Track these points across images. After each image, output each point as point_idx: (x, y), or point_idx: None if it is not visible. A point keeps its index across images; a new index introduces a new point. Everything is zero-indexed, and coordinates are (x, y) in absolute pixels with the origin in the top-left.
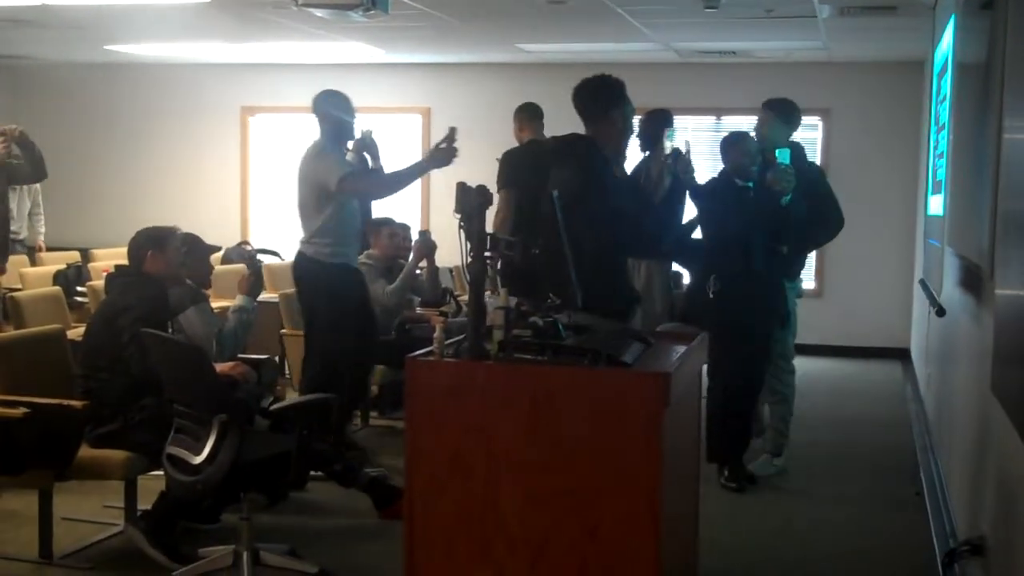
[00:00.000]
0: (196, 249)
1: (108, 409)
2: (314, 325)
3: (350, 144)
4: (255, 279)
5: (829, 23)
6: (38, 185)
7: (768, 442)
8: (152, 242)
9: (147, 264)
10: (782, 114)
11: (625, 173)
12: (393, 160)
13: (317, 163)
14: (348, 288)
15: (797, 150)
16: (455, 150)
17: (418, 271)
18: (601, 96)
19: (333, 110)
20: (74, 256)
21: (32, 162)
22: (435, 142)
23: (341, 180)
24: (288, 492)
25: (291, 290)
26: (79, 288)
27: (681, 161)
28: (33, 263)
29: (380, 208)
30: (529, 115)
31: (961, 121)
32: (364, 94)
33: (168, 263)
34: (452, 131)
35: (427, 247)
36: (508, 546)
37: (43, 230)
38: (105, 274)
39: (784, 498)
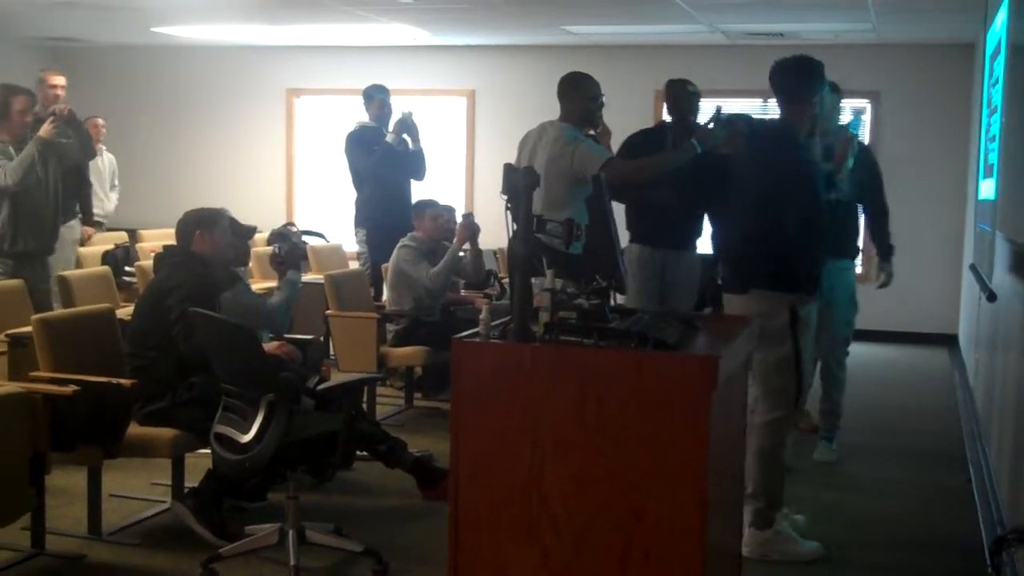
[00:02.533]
0: (238, 230)
1: (157, 387)
2: None
3: (390, 125)
4: (292, 250)
5: (878, 4)
6: (115, 166)
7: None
8: (200, 222)
9: (195, 244)
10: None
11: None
12: (437, 142)
13: (573, 148)
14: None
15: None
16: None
17: (461, 253)
18: (806, 80)
19: (580, 94)
20: (122, 237)
21: (81, 141)
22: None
23: (604, 165)
24: (335, 471)
25: (336, 271)
26: (127, 268)
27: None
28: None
29: (423, 190)
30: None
31: (1014, 104)
32: (409, 76)
33: (216, 244)
34: (719, 110)
35: (470, 230)
36: (553, 528)
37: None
38: (153, 254)
39: (830, 485)
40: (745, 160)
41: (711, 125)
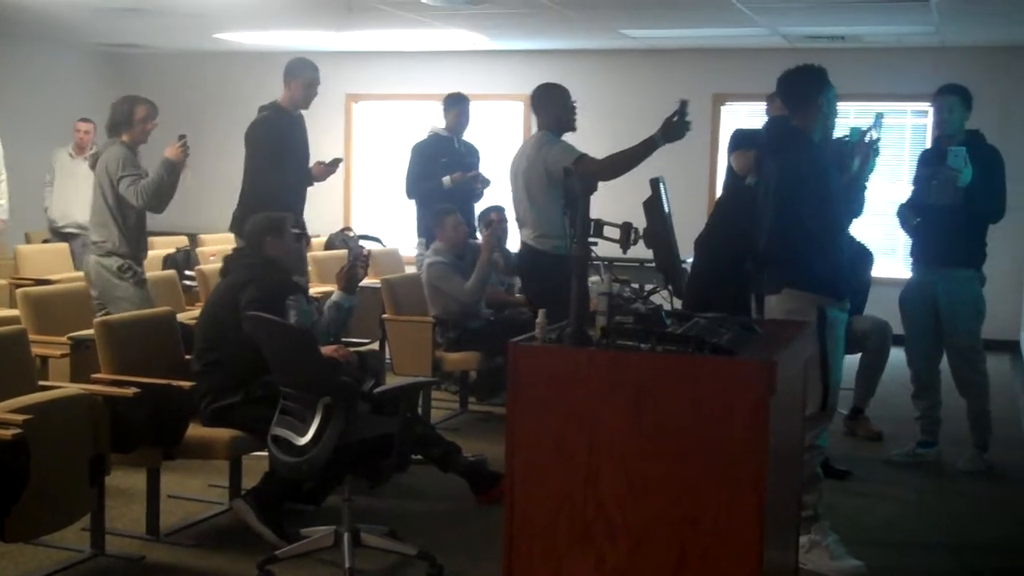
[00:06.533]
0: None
1: (228, 382)
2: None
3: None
4: (352, 272)
5: (941, 6)
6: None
7: (974, 435)
8: (270, 228)
9: (267, 248)
10: (966, 99)
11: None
12: (495, 147)
13: (547, 151)
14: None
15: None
16: (688, 124)
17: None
18: (809, 82)
19: (553, 103)
20: (182, 241)
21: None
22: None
23: (575, 162)
24: (391, 474)
25: (393, 275)
26: (187, 272)
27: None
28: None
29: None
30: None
31: None
32: (467, 81)
33: (285, 249)
34: (684, 104)
35: (495, 236)
36: (608, 533)
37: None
38: (213, 257)
39: (890, 493)
40: (765, 162)
41: (675, 119)
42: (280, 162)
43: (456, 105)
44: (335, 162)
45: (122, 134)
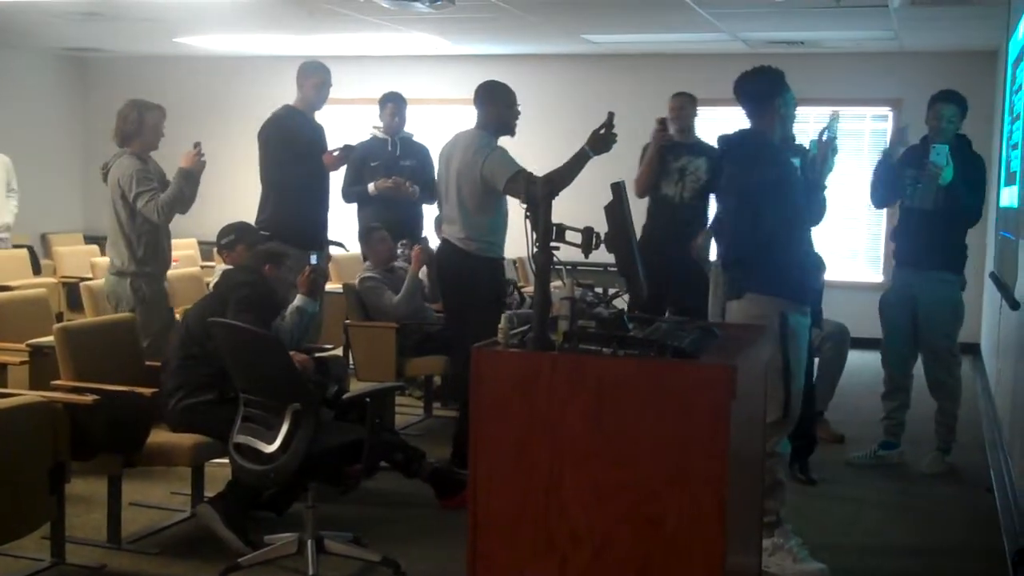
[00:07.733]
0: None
1: (204, 380)
2: (470, 320)
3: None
4: (315, 277)
5: (900, 12)
6: (11, 168)
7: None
8: (271, 257)
9: (265, 272)
10: (964, 109)
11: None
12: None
13: (483, 158)
14: (499, 281)
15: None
16: (615, 135)
17: (422, 277)
18: (768, 83)
19: (496, 101)
20: None
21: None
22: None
23: (512, 177)
24: (359, 481)
25: (354, 281)
26: None
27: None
28: None
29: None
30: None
31: None
32: (429, 86)
33: (280, 279)
34: (610, 116)
35: (427, 253)
36: (572, 537)
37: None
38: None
39: (850, 494)
40: (726, 168)
41: (602, 131)
42: (291, 158)
43: (388, 102)
44: (346, 148)
45: (133, 144)
